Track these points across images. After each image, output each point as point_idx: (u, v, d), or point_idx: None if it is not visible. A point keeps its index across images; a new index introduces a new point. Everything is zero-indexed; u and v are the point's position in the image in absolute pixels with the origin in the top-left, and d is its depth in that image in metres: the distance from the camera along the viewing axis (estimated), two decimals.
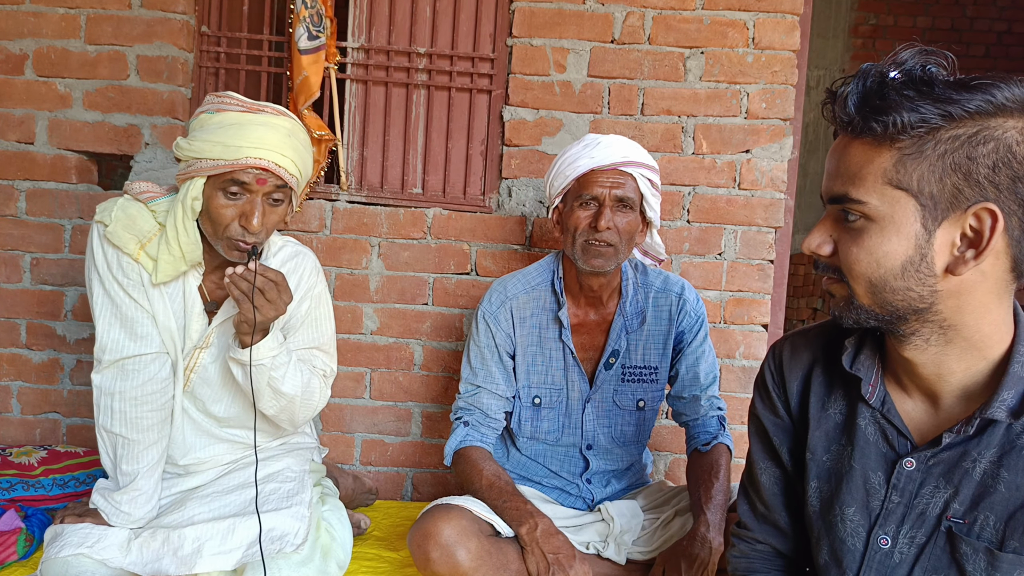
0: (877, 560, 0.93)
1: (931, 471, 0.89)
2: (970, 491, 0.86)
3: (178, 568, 1.35)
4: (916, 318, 0.85)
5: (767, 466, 1.09)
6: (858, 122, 0.81)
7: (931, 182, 0.78)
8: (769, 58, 2.14)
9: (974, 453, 0.85)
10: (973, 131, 0.76)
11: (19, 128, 2.15)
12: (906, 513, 0.91)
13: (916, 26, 6.24)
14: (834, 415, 0.99)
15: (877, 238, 0.82)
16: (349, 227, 2.19)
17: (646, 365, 1.73)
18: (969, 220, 0.78)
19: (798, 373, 1.03)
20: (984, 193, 0.77)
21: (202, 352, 1.50)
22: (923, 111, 0.76)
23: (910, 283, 0.82)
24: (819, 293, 5.09)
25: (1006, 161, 0.76)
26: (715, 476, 1.59)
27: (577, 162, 1.62)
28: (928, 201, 0.78)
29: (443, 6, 2.21)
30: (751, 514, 1.13)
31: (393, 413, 2.24)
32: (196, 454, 1.56)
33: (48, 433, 2.23)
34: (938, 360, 0.87)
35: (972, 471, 0.86)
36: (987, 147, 0.76)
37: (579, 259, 1.62)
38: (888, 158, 0.79)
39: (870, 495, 0.93)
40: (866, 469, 0.94)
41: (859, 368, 0.94)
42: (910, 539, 0.90)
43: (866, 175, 0.81)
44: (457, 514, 1.47)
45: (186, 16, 2.15)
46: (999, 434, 0.84)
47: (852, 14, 6.17)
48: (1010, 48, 6.26)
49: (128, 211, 1.41)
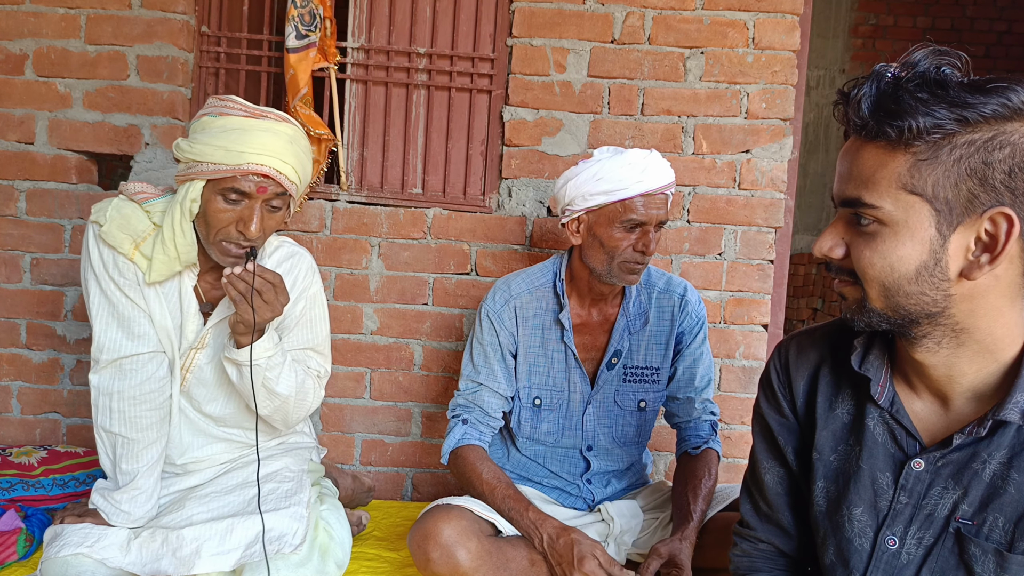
0: (884, 561, 0.92)
1: (940, 472, 0.88)
2: (979, 493, 0.85)
3: (177, 568, 1.35)
4: (929, 322, 0.84)
5: (771, 465, 1.08)
6: (872, 126, 0.79)
7: (946, 188, 0.77)
8: (769, 58, 2.14)
9: (984, 454, 0.85)
10: (989, 136, 0.75)
11: (19, 128, 2.15)
12: (914, 514, 0.90)
13: (916, 26, 6.24)
14: (842, 415, 0.98)
15: (891, 243, 0.81)
16: (349, 227, 2.19)
17: (648, 366, 1.73)
18: (984, 225, 0.78)
19: (804, 373, 1.02)
20: (1000, 198, 0.76)
21: (198, 352, 1.50)
22: (938, 116, 0.75)
23: (924, 288, 0.81)
24: (819, 293, 5.08)
25: (1022, 167, 0.75)
26: (703, 480, 1.59)
27: (623, 183, 1.56)
28: (943, 206, 0.78)
29: (443, 6, 2.21)
30: (754, 513, 1.12)
31: (393, 413, 2.24)
32: (193, 453, 1.56)
33: (48, 433, 2.23)
34: (949, 362, 0.86)
35: (982, 472, 0.85)
36: (1003, 152, 0.75)
37: (614, 276, 1.61)
38: (902, 163, 0.78)
39: (878, 496, 0.93)
40: (874, 469, 0.93)
41: (868, 368, 0.93)
42: (918, 540, 0.90)
43: (880, 180, 0.80)
44: (457, 514, 1.47)
45: (186, 16, 2.15)
46: (1010, 435, 0.84)
47: (852, 14, 6.17)
48: (1010, 48, 6.26)
49: (123, 211, 1.42)
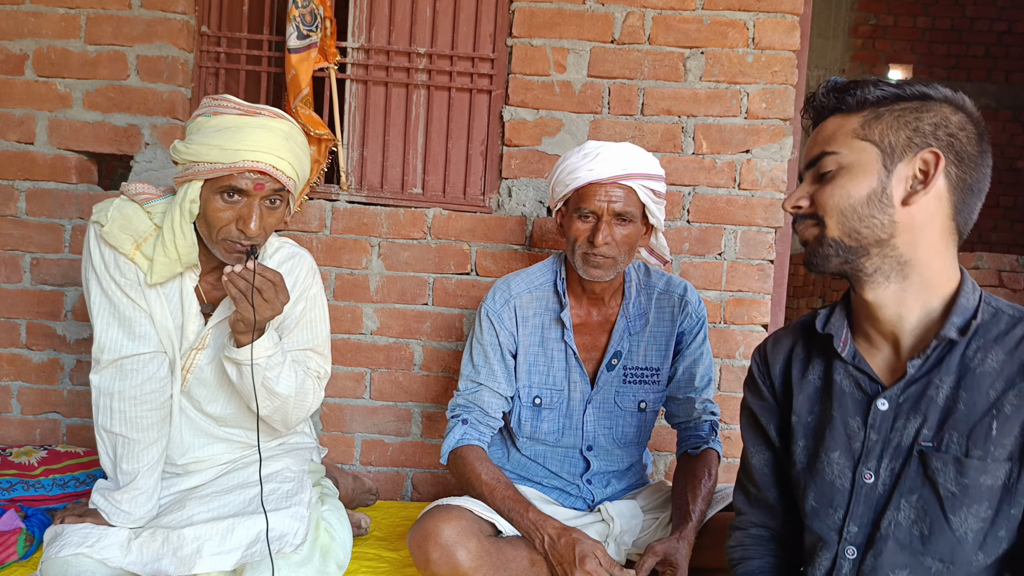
0: (864, 494, 1.03)
1: (901, 407, 1.01)
2: (936, 416, 0.98)
3: (178, 568, 1.35)
4: (878, 252, 0.99)
5: (757, 449, 1.20)
6: (834, 99, 1.03)
7: (889, 134, 0.98)
8: (769, 58, 2.14)
9: (936, 381, 0.98)
10: (919, 104, 0.98)
11: (19, 128, 2.15)
12: (884, 448, 1.02)
13: (916, 26, 6.24)
14: (814, 380, 1.11)
15: (848, 178, 1.00)
16: (349, 227, 2.19)
17: (648, 366, 1.72)
18: (918, 163, 0.97)
19: (780, 356, 1.17)
20: (928, 141, 0.97)
21: (198, 353, 1.50)
22: (883, 89, 1.00)
23: (874, 211, 0.98)
24: (819, 293, 5.09)
25: (943, 124, 0.97)
26: (703, 480, 1.59)
27: (575, 173, 1.59)
28: (887, 148, 0.98)
29: (443, 6, 2.21)
30: (745, 500, 1.23)
31: (393, 413, 2.24)
32: (194, 453, 1.56)
33: (48, 433, 2.23)
34: (899, 298, 1.01)
35: (936, 398, 0.98)
36: (929, 114, 0.98)
37: (579, 268, 1.62)
38: (855, 121, 1.01)
39: (851, 438, 1.04)
40: (845, 416, 1.05)
41: (831, 327, 1.08)
42: (890, 470, 1.01)
43: (839, 135, 1.02)
44: (457, 514, 1.47)
45: (186, 16, 2.15)
46: (955, 361, 0.98)
47: (852, 14, 6.17)
48: (1010, 48, 6.27)
49: (124, 211, 1.42)
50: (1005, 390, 0.94)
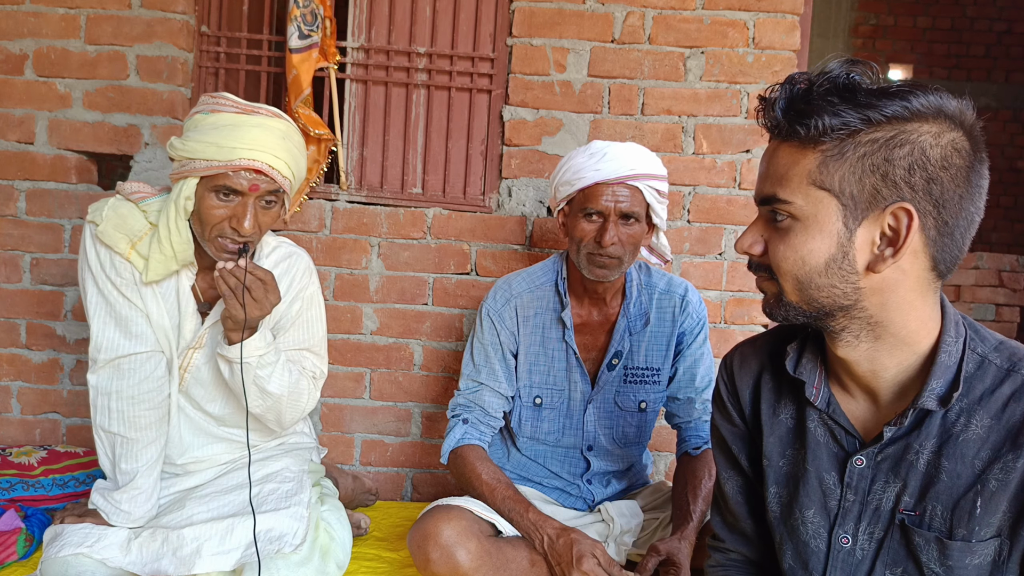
0: (840, 559, 0.95)
1: (880, 467, 0.92)
2: (917, 483, 0.89)
3: (177, 568, 1.35)
4: (843, 315, 0.88)
5: (730, 475, 1.11)
6: (784, 126, 0.85)
7: (851, 183, 0.82)
8: (769, 58, 2.14)
9: (916, 445, 0.89)
10: (891, 135, 0.80)
11: (19, 128, 2.15)
12: (862, 510, 0.94)
13: (916, 26, 6.24)
14: (785, 420, 1.01)
15: (802, 236, 0.85)
16: (349, 227, 2.18)
17: (648, 367, 1.72)
18: (887, 220, 0.82)
19: (748, 381, 1.06)
20: (900, 193, 0.81)
21: (195, 352, 1.49)
22: (844, 115, 0.80)
23: (834, 280, 0.85)
24: None
25: (921, 164, 0.79)
26: (703, 480, 1.59)
27: (582, 173, 1.58)
28: (849, 201, 0.82)
29: (443, 6, 2.21)
30: (722, 524, 1.16)
31: (393, 413, 2.24)
32: (194, 453, 1.56)
33: (48, 433, 2.23)
34: (871, 356, 0.90)
35: (916, 463, 0.89)
36: (903, 150, 0.80)
37: (583, 268, 1.62)
38: (812, 160, 0.83)
39: (827, 496, 0.96)
40: (820, 470, 0.96)
41: (802, 372, 0.96)
42: (869, 535, 0.93)
43: (792, 176, 0.85)
44: (457, 514, 1.47)
45: (186, 16, 2.14)
46: (936, 424, 0.88)
47: (852, 14, 6.17)
48: (1010, 48, 6.26)
49: (119, 211, 1.42)
50: (990, 462, 0.85)
